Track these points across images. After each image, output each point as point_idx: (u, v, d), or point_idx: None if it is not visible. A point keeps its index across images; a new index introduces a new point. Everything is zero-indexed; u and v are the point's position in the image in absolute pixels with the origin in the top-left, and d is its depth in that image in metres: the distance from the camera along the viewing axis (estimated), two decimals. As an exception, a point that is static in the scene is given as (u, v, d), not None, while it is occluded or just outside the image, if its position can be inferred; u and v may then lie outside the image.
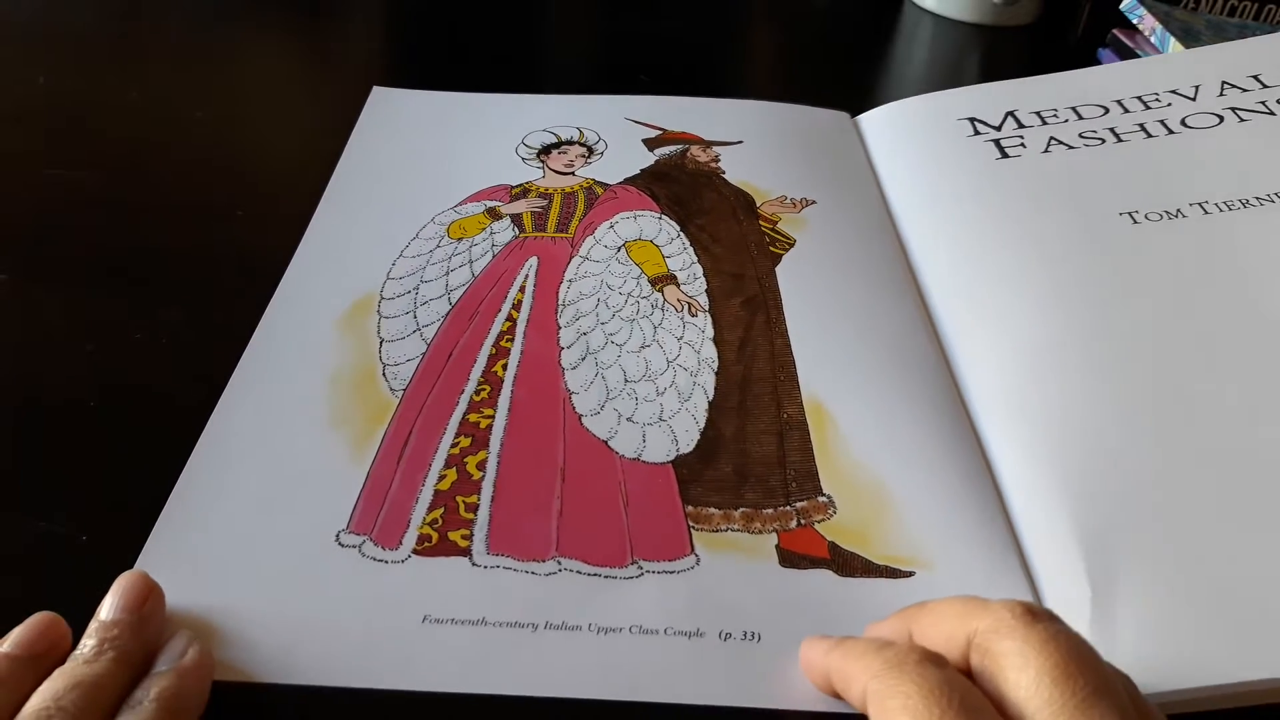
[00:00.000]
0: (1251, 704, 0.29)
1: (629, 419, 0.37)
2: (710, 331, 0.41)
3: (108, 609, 0.27)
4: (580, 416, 0.37)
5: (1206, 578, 0.30)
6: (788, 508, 0.34)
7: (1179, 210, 0.44)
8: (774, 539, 0.33)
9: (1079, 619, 0.30)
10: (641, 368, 0.39)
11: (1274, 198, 0.43)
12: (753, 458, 0.36)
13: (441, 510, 0.33)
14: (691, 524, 0.33)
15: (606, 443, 0.36)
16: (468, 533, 0.32)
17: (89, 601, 0.29)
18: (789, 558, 0.32)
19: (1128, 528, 0.32)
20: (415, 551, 0.32)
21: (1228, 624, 0.29)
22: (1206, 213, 0.43)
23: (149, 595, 0.28)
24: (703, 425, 0.37)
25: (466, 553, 0.32)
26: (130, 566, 0.30)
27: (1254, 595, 0.30)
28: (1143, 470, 0.34)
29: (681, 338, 0.40)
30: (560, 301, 0.42)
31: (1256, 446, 0.34)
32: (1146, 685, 0.28)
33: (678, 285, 0.43)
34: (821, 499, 0.34)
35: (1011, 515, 0.34)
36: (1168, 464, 0.34)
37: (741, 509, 0.34)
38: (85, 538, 0.32)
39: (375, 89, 0.56)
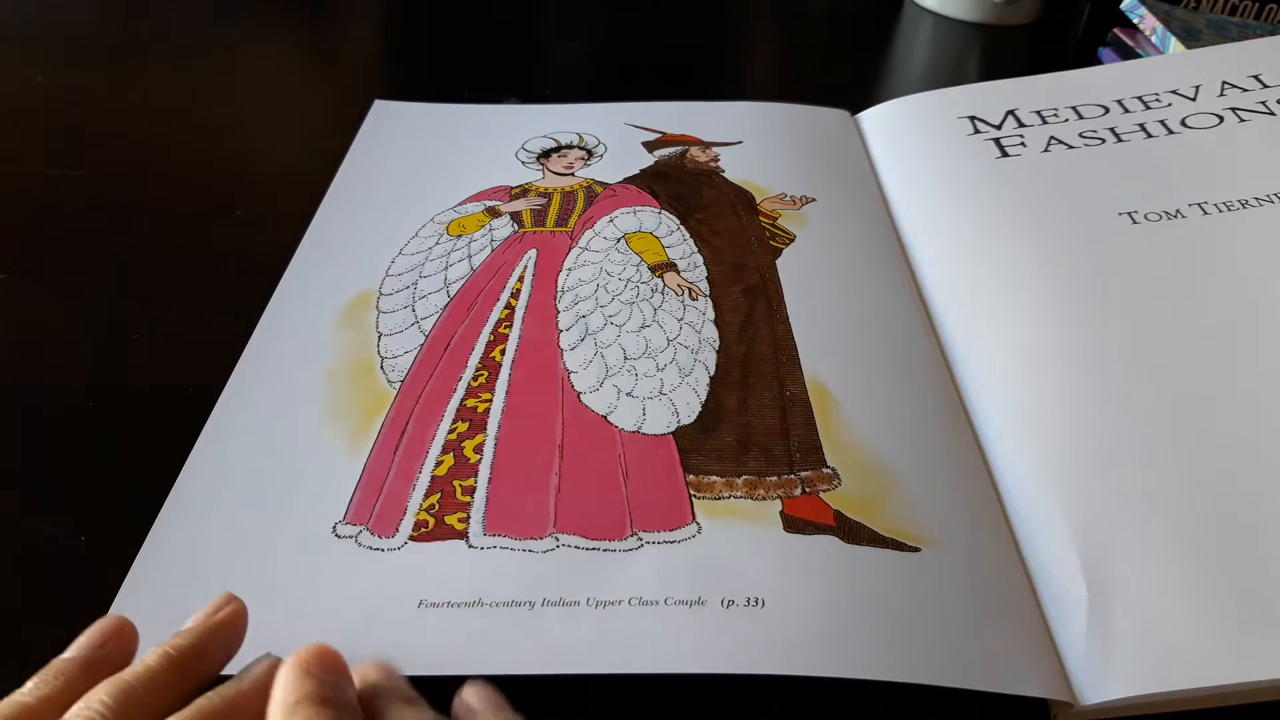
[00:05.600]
0: (1249, 703, 0.29)
1: (628, 394, 0.37)
2: (711, 314, 0.41)
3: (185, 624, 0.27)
4: (579, 394, 0.37)
5: (1203, 577, 0.30)
6: (792, 476, 0.34)
7: (1178, 210, 0.44)
8: (778, 505, 0.33)
9: (1075, 618, 0.30)
10: (641, 346, 0.39)
11: (1274, 198, 0.43)
12: (755, 429, 0.36)
13: (438, 495, 0.33)
14: (693, 492, 0.33)
15: (606, 417, 0.36)
16: (464, 515, 0.32)
17: (88, 602, 0.29)
18: (794, 523, 0.32)
19: (1124, 527, 0.32)
20: (411, 538, 0.32)
21: (1225, 623, 0.29)
22: (1206, 213, 0.43)
23: (223, 605, 0.27)
24: (704, 398, 0.37)
25: (463, 535, 0.32)
26: (130, 566, 0.30)
27: (1251, 594, 0.30)
28: (1139, 470, 0.34)
29: (682, 319, 0.40)
30: (559, 288, 0.42)
31: (1254, 445, 0.34)
32: (1143, 685, 0.28)
33: (678, 272, 0.43)
34: (826, 470, 0.34)
35: (1008, 512, 0.34)
36: (1164, 464, 0.34)
37: (744, 476, 0.34)
38: (85, 538, 0.32)
39: (376, 102, 0.55)
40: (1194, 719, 0.29)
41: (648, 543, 0.31)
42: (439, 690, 0.28)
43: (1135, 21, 0.64)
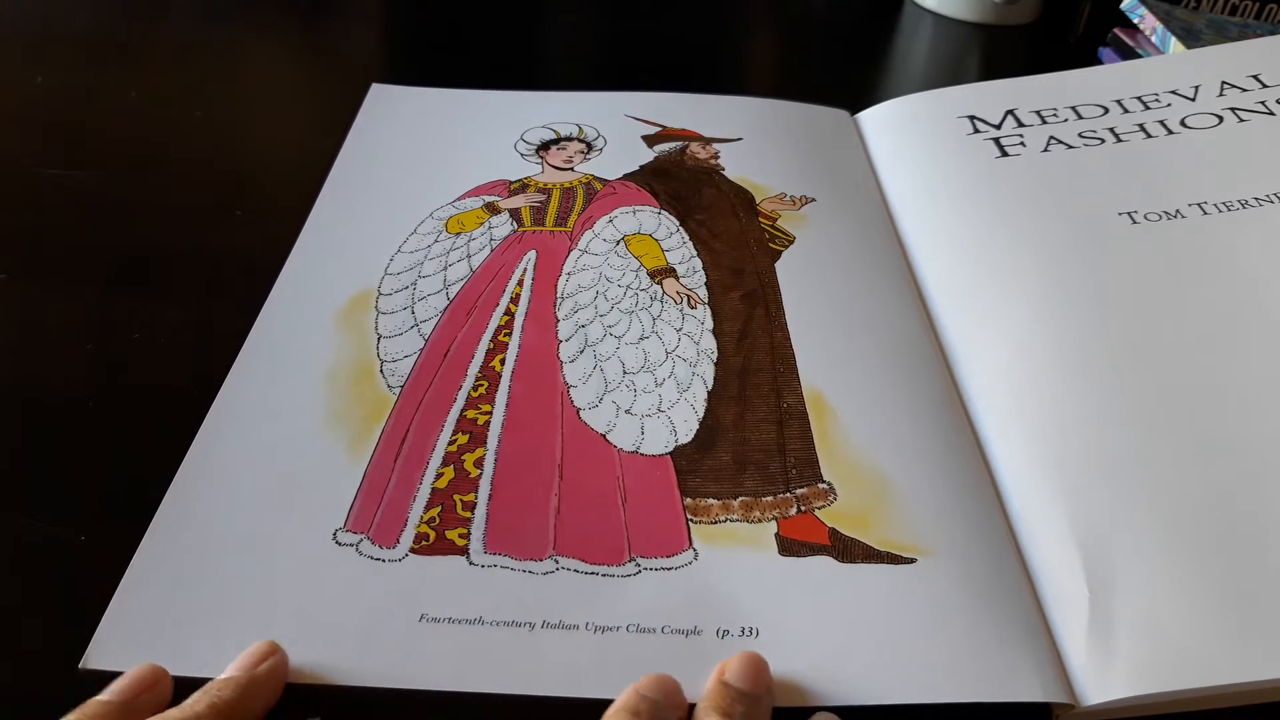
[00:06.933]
0: (1251, 704, 0.29)
1: (627, 411, 0.37)
2: (709, 323, 0.41)
3: (227, 669, 0.27)
4: (579, 410, 0.37)
5: (1204, 577, 0.30)
6: (787, 494, 0.34)
7: (1178, 210, 0.44)
8: (773, 527, 0.33)
9: (1077, 618, 0.30)
10: (640, 359, 0.39)
11: (1274, 198, 0.43)
12: (752, 445, 0.36)
13: (439, 509, 0.33)
14: (690, 517, 0.33)
15: (605, 436, 0.36)
16: (465, 531, 0.32)
17: (88, 603, 0.29)
18: (789, 546, 0.32)
19: (1125, 527, 0.32)
20: (413, 550, 0.32)
21: (1226, 624, 0.29)
22: (1205, 213, 0.43)
23: (266, 658, 0.27)
24: (701, 414, 0.37)
25: (464, 551, 0.32)
26: (127, 566, 0.30)
27: (1253, 595, 0.30)
28: (1140, 470, 0.34)
29: (680, 329, 0.40)
30: (559, 294, 0.42)
31: (1255, 445, 0.34)
32: (1144, 685, 0.28)
33: (677, 278, 0.43)
34: (822, 485, 0.34)
35: (1009, 512, 0.34)
36: (1165, 464, 0.34)
37: (741, 497, 0.34)
38: (84, 538, 0.32)
39: (374, 86, 0.56)
40: (1194, 719, 0.29)
41: (646, 569, 0.31)
42: (438, 707, 0.28)
43: (1135, 21, 0.64)
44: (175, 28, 0.65)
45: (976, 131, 0.51)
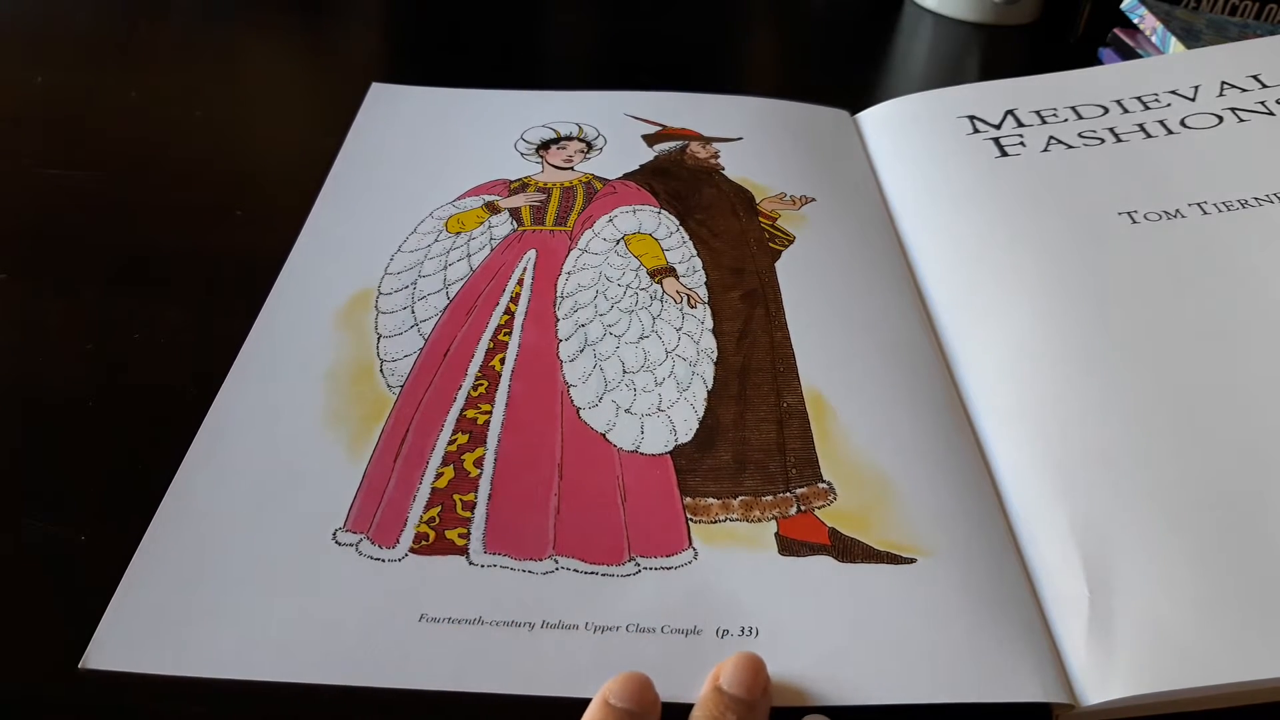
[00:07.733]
0: (1251, 704, 0.29)
1: (627, 410, 0.37)
2: (709, 323, 0.41)
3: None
4: (578, 409, 0.37)
5: (1204, 576, 0.30)
6: (787, 494, 0.34)
7: (1178, 210, 0.44)
8: (773, 527, 0.33)
9: (1076, 618, 0.30)
10: (640, 358, 0.39)
11: (1273, 198, 0.43)
12: (752, 445, 0.36)
13: (439, 509, 0.33)
14: (690, 516, 0.33)
15: (604, 435, 0.36)
16: (465, 531, 0.32)
17: (88, 602, 0.29)
18: (788, 545, 0.32)
19: (1125, 527, 0.32)
20: (412, 550, 0.32)
21: (1226, 623, 0.29)
22: (1205, 213, 0.43)
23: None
24: (701, 414, 0.37)
25: (464, 551, 0.32)
26: (127, 567, 0.30)
27: (1253, 594, 0.30)
28: (1141, 470, 0.34)
29: (680, 328, 0.40)
30: (558, 294, 0.42)
31: (1255, 445, 0.34)
32: (1144, 685, 0.28)
33: (676, 277, 0.43)
34: (822, 485, 0.34)
35: (1009, 512, 0.34)
36: (1165, 463, 0.34)
37: (740, 497, 0.34)
38: (84, 538, 0.32)
39: (374, 85, 0.56)
40: (1195, 719, 0.29)
41: (645, 569, 0.31)
42: (438, 707, 0.28)
43: (1135, 21, 0.64)
44: (175, 28, 0.65)
45: (976, 131, 0.51)
